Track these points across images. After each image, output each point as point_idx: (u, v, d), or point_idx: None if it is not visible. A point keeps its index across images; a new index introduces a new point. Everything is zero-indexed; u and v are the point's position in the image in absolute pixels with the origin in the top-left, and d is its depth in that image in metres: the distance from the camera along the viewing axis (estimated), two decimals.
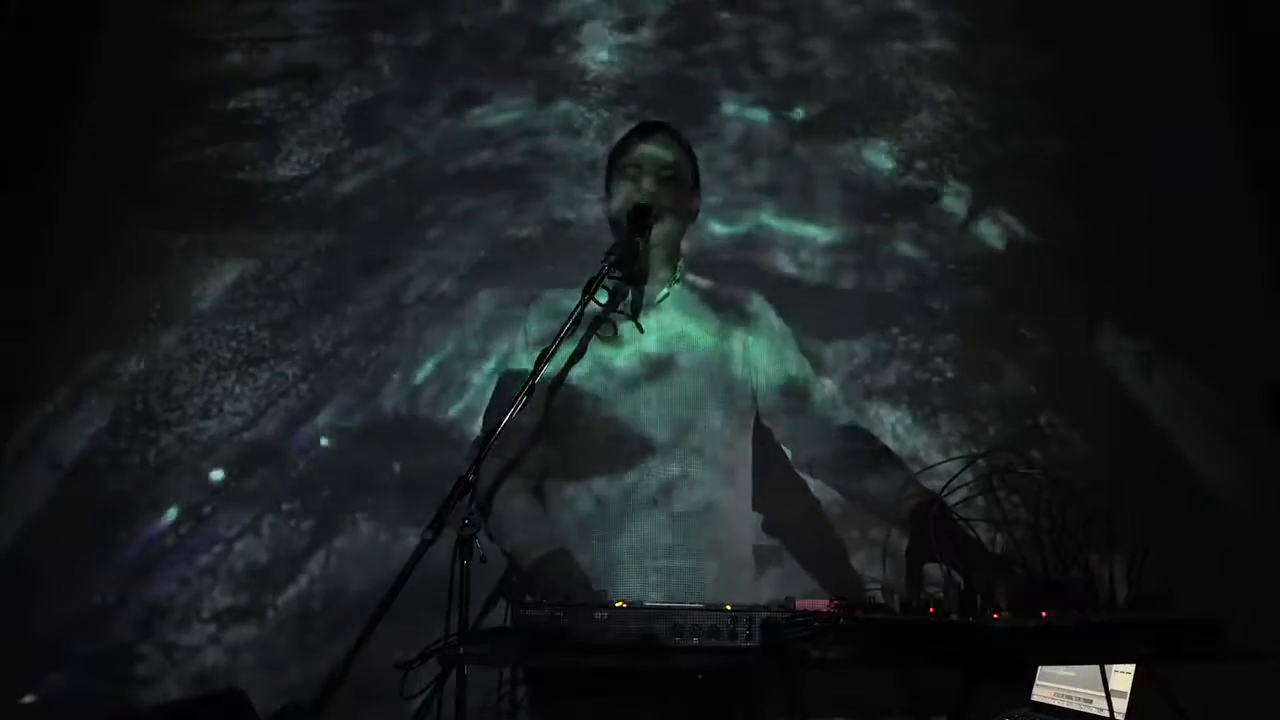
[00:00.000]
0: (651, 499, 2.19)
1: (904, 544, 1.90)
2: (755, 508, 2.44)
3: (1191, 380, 3.13)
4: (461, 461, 2.07)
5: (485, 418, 2.47)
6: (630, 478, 2.21)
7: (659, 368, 2.30)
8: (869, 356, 3.24)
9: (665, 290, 2.38)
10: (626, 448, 2.22)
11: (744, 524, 2.37)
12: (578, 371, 2.25)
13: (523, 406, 1.90)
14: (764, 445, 2.46)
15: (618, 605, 1.63)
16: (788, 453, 2.54)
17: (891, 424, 3.18)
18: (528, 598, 1.67)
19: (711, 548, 2.21)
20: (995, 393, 3.21)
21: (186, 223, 3.36)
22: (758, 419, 2.40)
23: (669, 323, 2.35)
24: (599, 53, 3.55)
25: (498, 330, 3.25)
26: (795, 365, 2.41)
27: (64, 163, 3.38)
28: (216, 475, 3.16)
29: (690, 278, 2.48)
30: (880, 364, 3.23)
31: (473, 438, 2.68)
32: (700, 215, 2.58)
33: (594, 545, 2.18)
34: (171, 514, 3.13)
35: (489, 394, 2.59)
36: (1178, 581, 1.48)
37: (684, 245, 2.50)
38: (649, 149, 2.36)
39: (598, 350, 2.28)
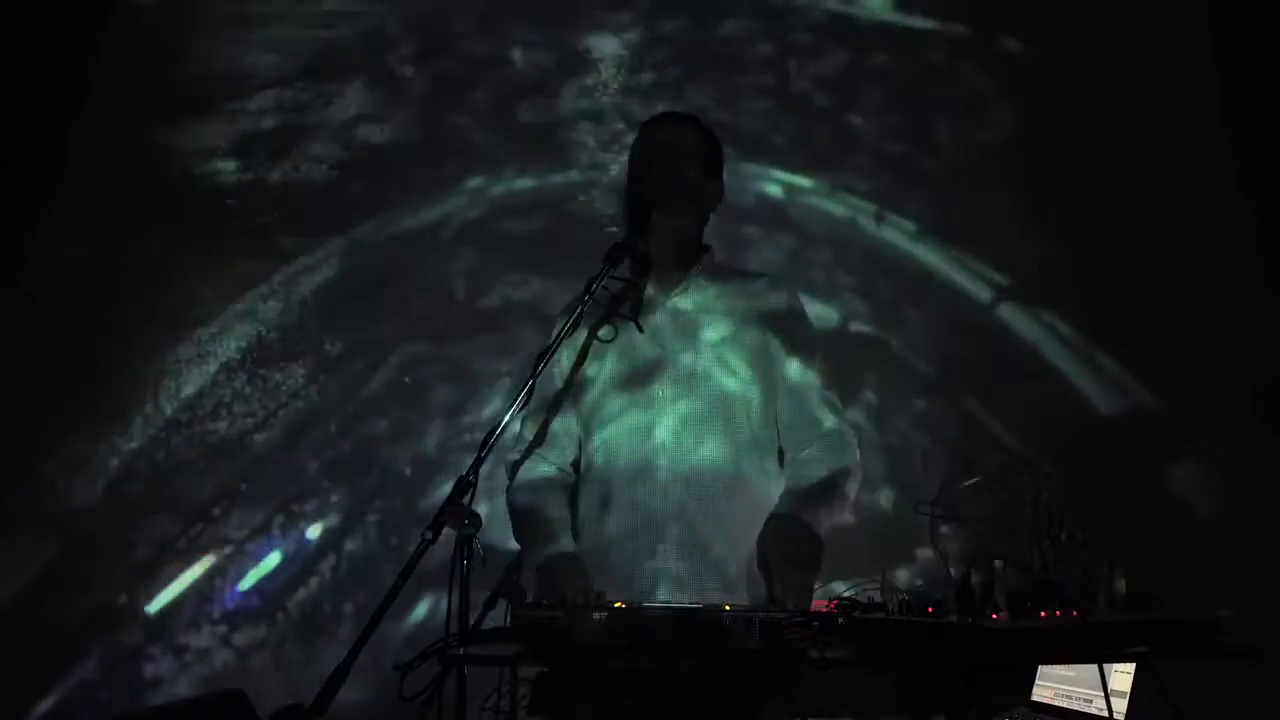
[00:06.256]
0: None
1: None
2: None
3: (1191, 381, 3.11)
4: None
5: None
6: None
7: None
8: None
9: (680, 288, 2.20)
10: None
11: None
12: None
13: (523, 407, 1.90)
14: None
15: (617, 606, 1.63)
16: None
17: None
18: (528, 598, 1.67)
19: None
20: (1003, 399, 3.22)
21: (196, 224, 3.39)
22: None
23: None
24: None
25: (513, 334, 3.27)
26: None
27: (68, 163, 3.40)
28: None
29: None
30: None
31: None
32: None
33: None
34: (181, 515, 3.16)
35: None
36: (1177, 582, 1.47)
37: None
38: (651, 140, 2.23)
39: None
